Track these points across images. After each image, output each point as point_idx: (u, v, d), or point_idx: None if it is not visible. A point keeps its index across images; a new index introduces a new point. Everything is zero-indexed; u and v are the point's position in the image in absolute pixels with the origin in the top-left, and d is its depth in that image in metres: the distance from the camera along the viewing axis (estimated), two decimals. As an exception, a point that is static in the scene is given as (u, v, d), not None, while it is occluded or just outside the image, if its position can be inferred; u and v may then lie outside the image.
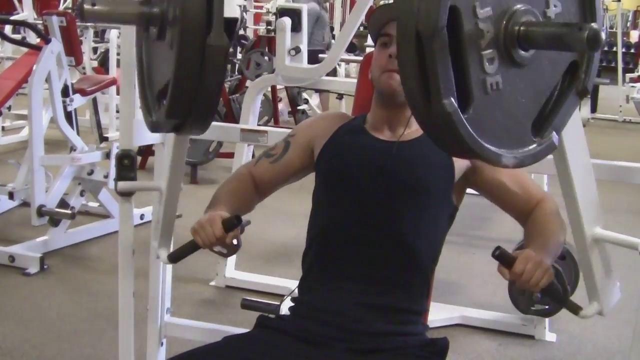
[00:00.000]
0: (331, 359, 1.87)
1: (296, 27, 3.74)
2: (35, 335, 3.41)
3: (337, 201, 2.04)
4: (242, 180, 2.16)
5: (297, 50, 3.70)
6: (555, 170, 1.87)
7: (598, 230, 1.91)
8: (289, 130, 2.33)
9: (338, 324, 1.92)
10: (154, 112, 1.66)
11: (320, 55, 5.73)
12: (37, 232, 4.58)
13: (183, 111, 1.51)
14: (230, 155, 4.78)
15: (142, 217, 5.17)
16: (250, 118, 3.85)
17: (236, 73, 8.53)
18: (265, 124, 7.74)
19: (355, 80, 2.75)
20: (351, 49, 9.40)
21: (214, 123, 2.21)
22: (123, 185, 2.32)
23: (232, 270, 4.15)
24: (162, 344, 2.70)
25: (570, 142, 1.78)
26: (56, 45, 4.39)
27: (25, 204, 5.22)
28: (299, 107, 8.07)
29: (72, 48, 4.75)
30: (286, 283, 4.03)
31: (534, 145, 1.46)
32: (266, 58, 7.28)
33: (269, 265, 4.45)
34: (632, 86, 11.15)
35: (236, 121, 5.98)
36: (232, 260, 4.12)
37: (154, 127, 1.65)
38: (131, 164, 2.35)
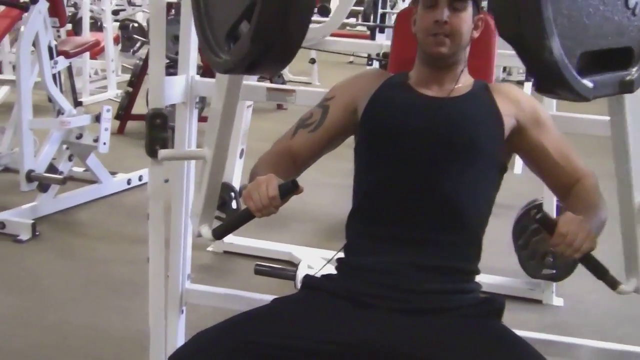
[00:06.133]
0: (384, 321, 1.79)
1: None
2: (34, 304, 3.31)
3: (383, 160, 1.95)
4: (280, 155, 2.04)
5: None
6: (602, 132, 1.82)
7: None
8: (318, 90, 2.24)
9: (388, 284, 1.84)
10: (223, 53, 1.57)
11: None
12: (23, 198, 4.44)
13: (270, 38, 1.43)
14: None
15: (129, 182, 5.08)
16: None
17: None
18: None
19: (361, 41, 2.66)
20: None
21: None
22: (165, 153, 2.18)
23: (229, 235, 4.04)
24: (182, 311, 2.59)
25: (634, 106, 1.73)
26: (44, 5, 4.21)
27: (7, 169, 5.07)
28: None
29: (56, 8, 4.55)
30: (283, 248, 4.01)
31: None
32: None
33: (265, 231, 4.33)
34: None
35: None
36: (228, 225, 4.02)
37: (226, 68, 1.56)
38: (163, 123, 2.21)
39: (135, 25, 8.20)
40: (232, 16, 1.58)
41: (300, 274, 2.92)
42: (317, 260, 3.60)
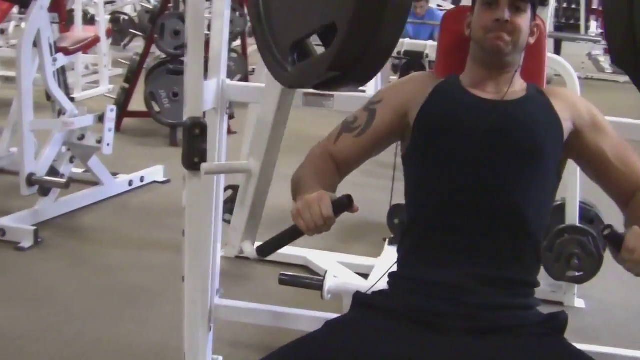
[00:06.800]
0: (447, 343, 1.71)
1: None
2: (49, 317, 3.17)
3: (442, 166, 1.87)
4: (323, 162, 1.95)
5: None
6: None
7: None
8: (357, 95, 2.14)
9: (450, 298, 1.76)
10: (287, 64, 1.48)
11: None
12: (23, 202, 4.28)
13: (349, 64, 1.35)
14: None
15: (130, 183, 4.95)
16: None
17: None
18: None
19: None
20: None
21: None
22: (208, 167, 2.07)
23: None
24: (210, 328, 2.49)
25: None
26: (46, 0, 4.06)
27: (2, 171, 4.94)
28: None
29: (57, 3, 4.42)
30: (297, 252, 3.87)
31: None
32: (237, 14, 6.99)
33: (276, 233, 4.25)
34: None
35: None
36: (240, 229, 3.91)
37: (292, 83, 1.46)
38: (202, 133, 2.07)
39: (126, 18, 8.04)
40: (300, 28, 1.49)
41: (327, 283, 2.83)
42: (338, 267, 3.52)
